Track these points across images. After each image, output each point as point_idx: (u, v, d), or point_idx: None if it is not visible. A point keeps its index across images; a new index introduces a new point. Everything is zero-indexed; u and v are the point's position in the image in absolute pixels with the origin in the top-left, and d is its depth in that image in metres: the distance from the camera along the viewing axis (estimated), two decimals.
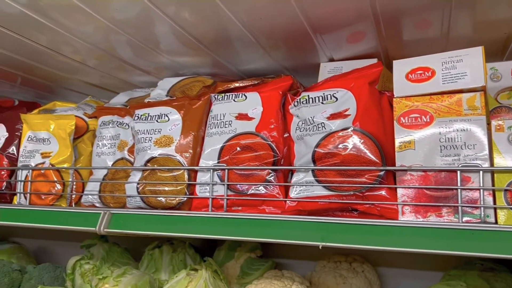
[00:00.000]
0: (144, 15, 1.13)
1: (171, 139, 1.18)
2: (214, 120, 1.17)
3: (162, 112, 1.23)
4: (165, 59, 1.43)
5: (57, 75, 1.68)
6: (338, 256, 1.50)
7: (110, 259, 1.54)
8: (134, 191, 1.18)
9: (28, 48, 1.40)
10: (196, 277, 1.33)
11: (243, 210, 1.08)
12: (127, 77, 1.67)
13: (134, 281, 1.36)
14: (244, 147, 1.10)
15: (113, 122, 1.38)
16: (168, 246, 1.57)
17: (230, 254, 1.51)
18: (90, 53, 1.43)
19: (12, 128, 1.44)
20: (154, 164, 1.18)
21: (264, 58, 1.39)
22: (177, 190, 1.14)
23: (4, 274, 1.48)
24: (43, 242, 2.09)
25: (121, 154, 1.32)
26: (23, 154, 1.36)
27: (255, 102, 1.14)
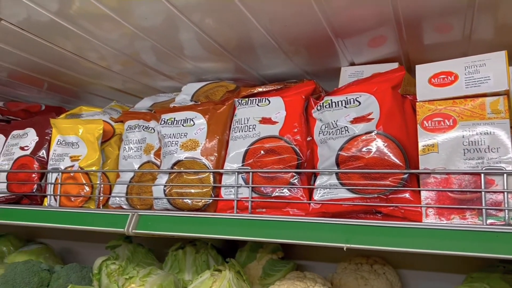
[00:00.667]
0: (170, 22, 1.17)
1: (196, 143, 1.21)
2: (238, 124, 1.20)
3: (188, 117, 1.26)
4: (189, 64, 1.47)
5: (82, 80, 1.73)
6: (359, 258, 1.51)
7: (135, 260, 1.58)
8: (161, 193, 1.21)
9: (56, 54, 1.45)
10: (220, 278, 1.36)
11: (267, 212, 1.11)
12: (151, 82, 1.72)
13: (159, 281, 1.40)
14: (268, 150, 1.12)
15: (139, 126, 1.42)
16: (191, 247, 1.60)
17: (252, 255, 1.54)
18: (115, 59, 1.48)
19: (42, 132, 1.49)
20: (181, 167, 1.21)
21: (285, 63, 1.42)
22: (203, 192, 1.17)
23: (33, 273, 1.53)
24: (68, 243, 2.14)
25: (147, 157, 1.36)
26: (52, 158, 1.41)
27: (278, 107, 1.17)
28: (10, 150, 1.50)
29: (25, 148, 1.47)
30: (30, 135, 1.50)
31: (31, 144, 1.47)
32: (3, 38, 1.33)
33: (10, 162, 1.47)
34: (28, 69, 1.62)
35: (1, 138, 1.59)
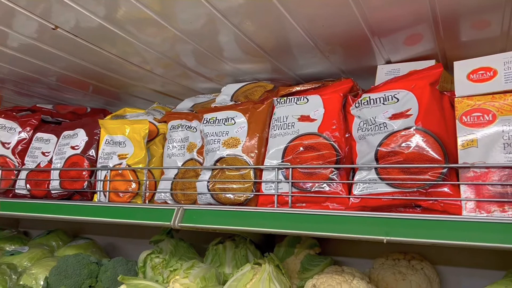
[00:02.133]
0: (212, 25, 1.23)
1: (238, 141, 1.27)
2: (277, 122, 1.25)
3: (229, 116, 1.32)
4: (228, 66, 1.53)
5: (125, 82, 1.82)
6: (396, 254, 1.53)
7: (178, 254, 1.65)
8: (205, 188, 1.27)
9: (103, 58, 1.53)
10: (260, 271, 1.41)
11: (307, 206, 1.15)
12: (190, 84, 1.79)
13: (202, 274, 1.46)
14: (307, 147, 1.16)
15: (182, 126, 1.49)
16: (230, 242, 1.66)
17: (290, 250, 1.58)
18: (158, 62, 1.55)
19: (91, 132, 1.58)
20: (223, 163, 1.27)
21: (322, 62, 1.46)
22: (245, 188, 1.22)
23: (83, 266, 1.63)
24: (112, 238, 2.25)
25: (190, 155, 1.43)
26: (101, 156, 1.50)
27: (316, 104, 1.21)
28: (62, 149, 1.60)
29: (75, 148, 1.56)
30: (80, 135, 1.59)
31: (81, 144, 1.57)
32: (57, 45, 1.42)
33: (62, 161, 1.57)
34: (76, 73, 1.72)
35: (53, 139, 1.70)
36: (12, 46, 1.47)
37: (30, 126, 1.78)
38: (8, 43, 1.45)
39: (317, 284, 1.35)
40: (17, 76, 1.81)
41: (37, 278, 1.66)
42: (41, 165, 1.65)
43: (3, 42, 1.44)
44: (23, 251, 1.90)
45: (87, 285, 1.61)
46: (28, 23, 1.29)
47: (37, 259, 1.87)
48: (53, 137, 1.70)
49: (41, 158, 1.67)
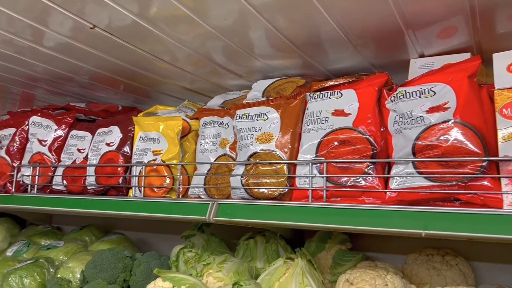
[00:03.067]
0: (245, 21, 1.23)
1: (271, 136, 1.28)
2: (311, 117, 1.25)
3: (261, 112, 1.33)
4: (258, 62, 1.54)
5: (156, 80, 1.85)
6: (429, 250, 1.51)
7: (209, 248, 1.67)
8: (239, 183, 1.29)
9: (135, 56, 1.56)
10: (292, 265, 1.42)
11: (342, 201, 1.15)
12: (219, 81, 1.80)
13: (235, 268, 1.48)
14: (342, 141, 1.16)
15: (214, 122, 1.51)
16: (261, 237, 1.67)
17: (321, 245, 1.59)
18: (189, 59, 1.57)
19: (125, 129, 1.62)
20: (256, 158, 1.28)
21: (353, 57, 1.45)
22: (278, 182, 1.23)
23: (118, 259, 1.67)
24: (142, 234, 2.29)
25: (223, 151, 1.44)
26: (136, 152, 1.54)
27: (351, 99, 1.21)
28: (97, 146, 1.64)
29: (110, 144, 1.60)
30: (115, 132, 1.63)
31: (116, 141, 1.60)
32: (93, 43, 1.46)
33: (97, 157, 1.61)
34: (109, 71, 1.76)
35: (88, 136, 1.75)
36: (48, 45, 1.51)
37: (65, 124, 1.83)
38: (44, 42, 1.49)
39: (351, 278, 1.35)
40: (51, 75, 1.86)
41: (73, 272, 1.71)
42: (76, 161, 1.69)
43: (39, 41, 1.48)
44: (59, 245, 1.96)
45: (121, 278, 1.64)
46: (66, 22, 1.32)
47: (72, 253, 1.92)
48: (88, 134, 1.75)
49: (77, 155, 1.72)
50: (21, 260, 1.88)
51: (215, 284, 1.45)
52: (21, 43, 1.50)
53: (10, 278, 1.64)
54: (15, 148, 1.82)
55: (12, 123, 1.89)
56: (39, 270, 1.69)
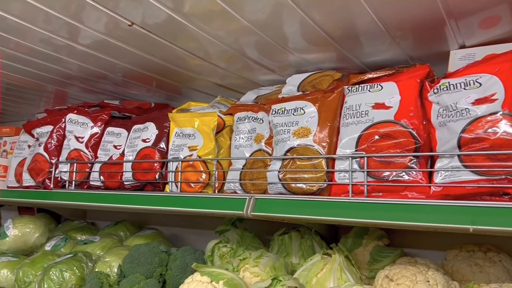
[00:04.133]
0: (281, 13, 1.21)
1: (308, 130, 1.27)
2: (350, 111, 1.23)
3: (298, 106, 1.32)
4: (292, 56, 1.52)
5: (188, 76, 1.86)
6: (470, 246, 1.47)
7: (244, 243, 1.67)
8: (276, 178, 1.28)
9: (169, 52, 1.57)
10: (330, 261, 1.41)
11: (384, 196, 1.13)
12: (251, 76, 1.80)
13: (271, 263, 1.48)
14: (383, 135, 1.14)
15: (248, 118, 1.50)
16: (296, 233, 1.66)
17: (357, 241, 1.57)
18: (222, 55, 1.57)
19: (161, 125, 1.63)
20: (294, 153, 1.27)
21: (390, 49, 1.42)
22: (317, 177, 1.22)
23: (154, 254, 1.69)
24: (175, 229, 2.32)
25: (258, 146, 1.44)
26: (172, 148, 1.55)
27: (392, 91, 1.18)
28: (133, 142, 1.67)
29: (146, 140, 1.62)
30: (150, 128, 1.65)
31: (151, 137, 1.62)
32: (129, 40, 1.48)
33: (134, 153, 1.63)
34: (142, 68, 1.78)
35: (124, 132, 1.77)
36: (84, 43, 1.54)
37: (101, 121, 1.86)
38: (80, 39, 1.51)
39: (390, 275, 1.32)
40: (85, 73, 1.90)
41: (111, 266, 1.74)
42: (113, 157, 1.72)
43: (75, 38, 1.50)
44: (95, 240, 2.00)
45: (158, 273, 1.67)
46: (102, 19, 1.33)
47: (108, 248, 1.96)
48: (123, 131, 1.78)
49: (113, 151, 1.74)
50: (59, 254, 1.93)
51: (251, 279, 1.45)
52: (58, 41, 1.53)
53: (50, 271, 1.69)
54: (52, 145, 1.86)
55: (49, 120, 1.94)
56: (78, 264, 1.73)
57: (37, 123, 1.97)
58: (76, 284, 1.70)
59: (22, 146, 2.06)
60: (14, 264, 1.92)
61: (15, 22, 1.39)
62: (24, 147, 2.06)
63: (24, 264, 1.83)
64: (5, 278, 1.89)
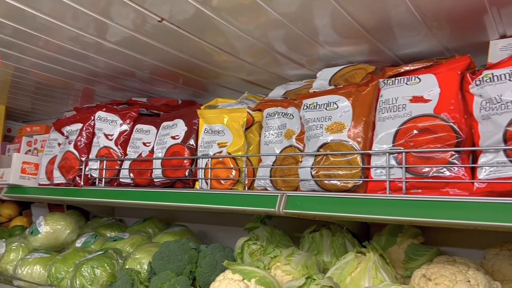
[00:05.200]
0: (311, 3, 1.17)
1: (342, 125, 1.23)
2: (386, 105, 1.19)
3: (330, 100, 1.29)
4: (323, 49, 1.49)
5: (215, 72, 1.84)
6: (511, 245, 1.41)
7: (274, 241, 1.65)
8: (308, 175, 1.25)
9: (198, 47, 1.55)
10: (364, 259, 1.37)
11: (423, 192, 1.09)
12: (279, 71, 1.77)
13: (303, 261, 1.45)
14: (422, 129, 1.10)
15: (278, 113, 1.48)
16: (327, 230, 1.63)
17: (391, 239, 1.52)
18: (250, 49, 1.55)
19: (190, 122, 1.62)
20: (327, 149, 1.24)
21: (426, 40, 1.37)
22: (352, 174, 1.18)
23: (184, 251, 1.69)
24: (202, 226, 2.31)
25: (288, 142, 1.41)
26: (201, 145, 1.54)
27: (430, 84, 1.13)
28: (163, 139, 1.66)
29: (176, 137, 1.62)
30: (179, 125, 1.64)
31: (181, 134, 1.62)
32: (157, 36, 1.47)
33: (163, 150, 1.63)
34: (170, 65, 1.77)
35: (153, 129, 1.77)
36: (112, 40, 1.53)
37: (130, 118, 1.87)
38: (108, 36, 1.51)
39: (428, 274, 1.28)
40: (112, 70, 1.90)
41: (141, 263, 1.75)
42: (142, 155, 1.72)
43: (103, 35, 1.50)
44: (124, 237, 2.02)
45: (188, 270, 1.66)
46: (130, 15, 1.32)
47: (137, 245, 1.97)
48: (152, 128, 1.78)
49: (142, 148, 1.75)
50: (90, 251, 1.95)
51: (283, 277, 1.43)
52: (86, 39, 1.53)
53: (82, 268, 1.70)
54: (82, 142, 1.88)
55: (78, 118, 1.95)
56: (109, 261, 1.74)
57: (66, 121, 1.99)
58: (107, 281, 1.71)
59: (52, 144, 2.09)
60: (47, 260, 1.95)
61: (45, 20, 1.40)
62: (54, 145, 2.08)
63: (56, 260, 1.86)
64: (38, 274, 1.92)
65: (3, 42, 1.64)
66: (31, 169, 2.08)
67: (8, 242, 2.14)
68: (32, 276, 1.91)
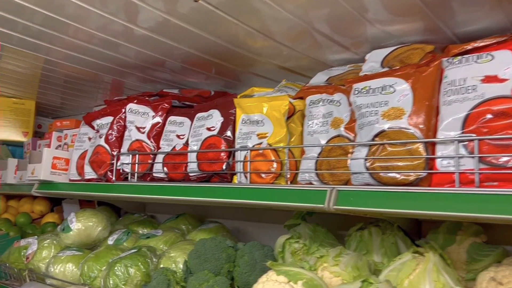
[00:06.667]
0: None
1: (401, 111, 1.10)
2: (452, 87, 1.05)
3: (386, 84, 1.15)
4: (372, 29, 1.35)
5: (250, 59, 1.71)
6: None
7: (317, 239, 1.53)
8: (362, 167, 1.13)
9: (232, 30, 1.43)
10: (423, 260, 1.24)
11: (501, 185, 0.95)
12: (320, 56, 1.64)
13: (353, 261, 1.33)
14: (498, 113, 0.96)
15: (323, 100, 1.35)
16: (376, 228, 1.50)
17: (450, 238, 1.38)
18: (289, 32, 1.43)
19: (226, 112, 1.52)
20: (383, 138, 1.11)
21: (489, 15, 1.22)
22: (413, 165, 1.05)
23: (221, 249, 1.59)
24: (236, 222, 2.21)
25: (336, 131, 1.29)
26: (239, 136, 1.43)
27: (507, 61, 0.99)
28: (198, 131, 1.56)
29: (211, 129, 1.51)
30: (215, 116, 1.54)
31: (217, 125, 1.51)
32: (190, 19, 1.36)
33: (198, 143, 1.53)
34: (203, 51, 1.66)
35: (187, 121, 1.68)
36: (143, 25, 1.44)
37: (162, 110, 1.78)
38: (139, 21, 1.42)
39: (498, 277, 1.14)
40: (143, 60, 1.82)
41: (176, 261, 1.66)
42: (176, 148, 1.63)
43: (134, 20, 1.41)
44: (158, 234, 1.94)
45: (226, 269, 1.56)
46: None
47: (171, 242, 1.89)
48: (186, 119, 1.68)
49: (176, 141, 1.65)
50: (122, 249, 1.88)
51: (331, 279, 1.31)
52: (116, 25, 1.45)
53: (115, 267, 1.63)
54: (113, 136, 1.81)
55: (109, 111, 1.88)
56: (142, 260, 1.66)
57: (97, 114, 1.92)
58: (141, 280, 1.63)
59: (83, 139, 2.03)
60: (79, 258, 1.89)
61: (74, 5, 1.32)
62: (84, 139, 2.02)
63: (88, 258, 1.80)
64: (70, 272, 1.87)
65: (34, 32, 1.58)
66: (62, 164, 2.03)
67: (40, 239, 2.10)
68: (65, 274, 1.85)
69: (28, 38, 1.65)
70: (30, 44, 1.71)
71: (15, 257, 2.09)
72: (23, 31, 1.59)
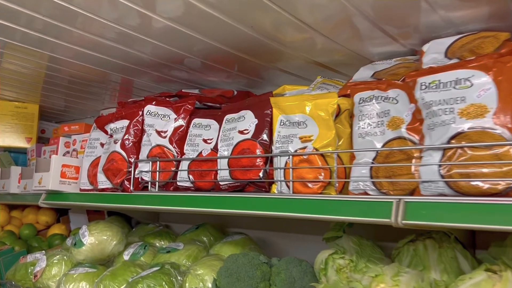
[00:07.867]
0: None
1: (483, 108, 0.93)
2: None
3: (459, 77, 0.99)
4: (432, 16, 1.18)
5: (280, 52, 1.53)
6: None
7: (364, 254, 1.36)
8: (435, 174, 0.96)
9: (262, 16, 1.25)
10: (499, 281, 1.07)
11: None
12: (360, 48, 1.47)
13: (414, 282, 1.16)
14: None
15: (376, 98, 1.19)
16: (431, 240, 1.33)
17: None
18: (327, 20, 1.26)
19: (261, 113, 1.35)
20: (462, 140, 0.94)
21: None
22: (503, 172, 0.89)
23: (255, 266, 1.42)
24: (260, 232, 2.04)
25: (395, 133, 1.12)
26: (278, 140, 1.26)
27: None
28: (228, 135, 1.39)
29: (244, 132, 1.34)
30: (248, 117, 1.37)
31: (250, 127, 1.34)
32: (221, 4, 1.19)
33: (230, 148, 1.36)
34: (227, 44, 1.48)
35: (214, 124, 1.51)
36: (163, 14, 1.28)
37: (185, 112, 1.60)
38: (157, 9, 1.25)
39: None
40: (159, 56, 1.65)
41: (203, 280, 1.49)
42: (203, 153, 1.46)
43: (152, 7, 1.25)
44: (179, 248, 1.77)
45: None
46: None
47: (194, 257, 1.72)
48: (213, 122, 1.51)
49: (203, 146, 1.48)
50: (140, 265, 1.71)
51: None
52: (132, 15, 1.28)
53: (137, 287, 1.46)
54: (130, 141, 1.63)
55: (124, 114, 1.71)
56: (167, 279, 1.49)
57: (110, 117, 1.75)
58: None
59: (94, 144, 1.85)
60: (93, 276, 1.72)
61: None
62: (96, 145, 1.85)
63: (104, 277, 1.62)
64: None
65: (38, 24, 1.41)
66: (72, 172, 1.85)
67: (49, 255, 1.92)
68: None
69: (32, 32, 1.48)
70: (34, 39, 1.55)
71: (22, 274, 1.92)
72: (27, 24, 1.43)
